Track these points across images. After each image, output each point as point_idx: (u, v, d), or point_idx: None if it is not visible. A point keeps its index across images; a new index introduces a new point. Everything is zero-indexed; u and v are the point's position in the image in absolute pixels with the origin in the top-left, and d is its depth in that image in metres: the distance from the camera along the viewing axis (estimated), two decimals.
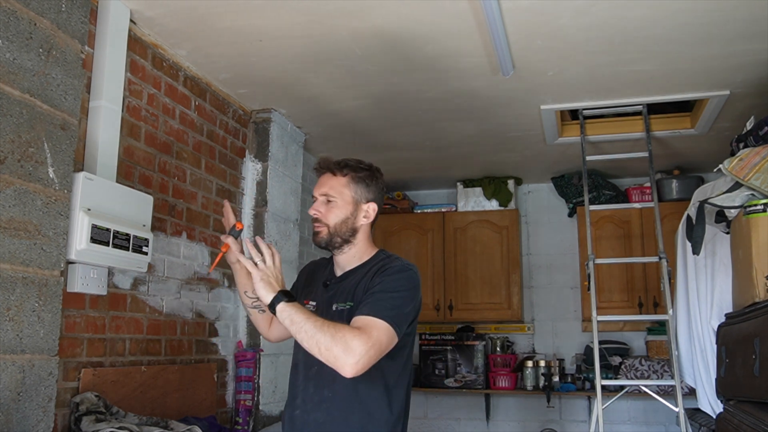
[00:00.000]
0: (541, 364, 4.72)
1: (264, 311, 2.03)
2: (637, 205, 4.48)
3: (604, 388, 3.56)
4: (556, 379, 4.68)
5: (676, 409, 3.19)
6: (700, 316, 2.99)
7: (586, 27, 2.62)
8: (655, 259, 3.53)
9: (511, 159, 4.54)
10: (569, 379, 4.68)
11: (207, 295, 3.06)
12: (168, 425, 2.38)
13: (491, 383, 4.82)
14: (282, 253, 3.59)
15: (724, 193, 2.51)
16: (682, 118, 3.84)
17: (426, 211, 5.14)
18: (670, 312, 3.29)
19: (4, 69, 1.85)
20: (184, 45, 2.81)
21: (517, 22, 2.56)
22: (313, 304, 1.97)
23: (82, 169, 2.25)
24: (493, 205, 4.98)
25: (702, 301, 2.98)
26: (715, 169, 2.61)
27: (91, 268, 2.28)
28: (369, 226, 1.98)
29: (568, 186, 4.89)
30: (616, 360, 4.52)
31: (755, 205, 2.37)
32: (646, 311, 4.43)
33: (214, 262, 1.99)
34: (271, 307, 1.71)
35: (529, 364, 4.75)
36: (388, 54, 2.86)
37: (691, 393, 3.38)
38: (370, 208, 1.96)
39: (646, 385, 3.80)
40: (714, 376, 2.76)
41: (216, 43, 2.79)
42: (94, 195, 2.21)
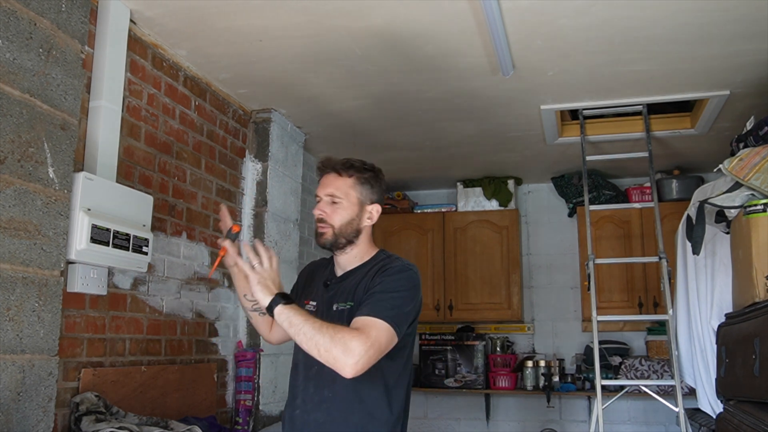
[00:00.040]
0: (541, 364, 4.72)
1: (264, 314, 2.03)
2: (637, 205, 4.48)
3: (604, 388, 3.56)
4: (556, 379, 4.68)
5: (676, 409, 3.19)
6: (700, 316, 2.99)
7: (586, 27, 2.62)
8: (655, 259, 3.53)
9: (511, 159, 4.54)
10: (569, 379, 4.68)
11: (207, 295, 3.06)
12: (168, 425, 2.38)
13: (491, 383, 4.82)
14: (282, 253, 3.59)
15: (724, 193, 2.51)
16: (682, 118, 3.84)
17: (426, 211, 5.14)
18: (670, 312, 3.29)
19: (4, 69, 1.85)
20: (184, 45, 2.81)
21: (517, 22, 2.56)
22: (314, 304, 1.98)
23: (82, 169, 2.26)
24: (493, 205, 4.98)
25: (702, 301, 2.98)
26: (715, 169, 2.61)
27: (91, 268, 2.28)
28: (371, 226, 1.98)
29: (568, 186, 4.89)
30: (616, 360, 4.51)
31: (755, 205, 2.37)
32: (646, 311, 4.43)
33: (213, 266, 1.99)
34: (269, 309, 1.71)
35: (529, 364, 4.75)
36: (388, 54, 2.86)
37: (691, 393, 3.38)
38: (374, 209, 1.97)
39: (646, 385, 3.80)
40: (714, 376, 2.75)
41: (216, 43, 2.79)
42: (94, 195, 2.21)
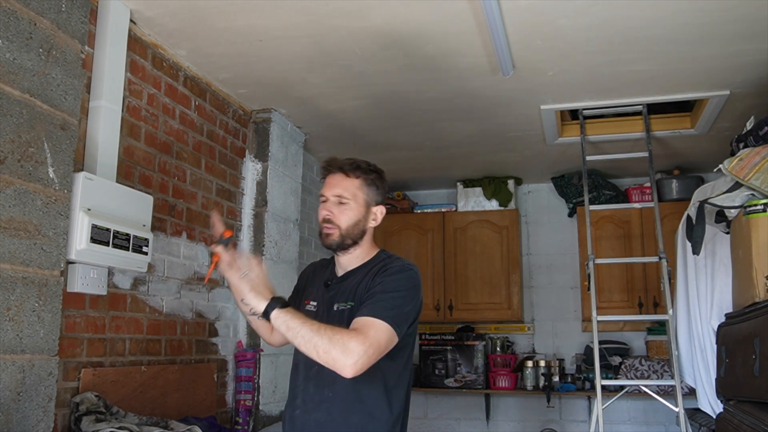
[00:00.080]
0: (541, 364, 4.72)
1: (262, 318, 2.03)
2: (637, 205, 4.48)
3: (604, 388, 3.56)
4: (556, 379, 4.68)
5: (676, 409, 3.19)
6: (700, 316, 2.99)
7: (586, 27, 2.62)
8: (655, 259, 3.53)
9: (511, 159, 4.54)
10: (569, 379, 4.68)
11: (207, 295, 3.06)
12: (168, 425, 2.38)
13: (491, 383, 4.82)
14: (282, 253, 3.59)
15: (724, 193, 2.51)
16: (682, 118, 3.84)
17: (426, 211, 5.14)
18: (670, 312, 3.29)
19: (4, 69, 1.85)
20: (184, 45, 2.81)
21: (517, 22, 2.56)
22: (314, 304, 1.98)
23: (82, 169, 2.26)
24: (493, 205, 4.98)
25: (702, 301, 2.98)
26: (715, 169, 2.61)
27: (91, 268, 2.28)
28: (373, 227, 1.99)
29: (568, 186, 4.89)
30: (616, 360, 4.52)
31: (755, 205, 2.37)
32: (646, 311, 4.43)
33: (208, 272, 1.98)
34: (266, 314, 1.70)
35: (529, 364, 4.75)
36: (388, 54, 2.86)
37: (691, 393, 3.38)
38: (379, 211, 1.98)
39: (646, 385, 3.80)
40: (714, 376, 2.75)
41: (216, 43, 2.79)
42: (94, 195, 2.21)
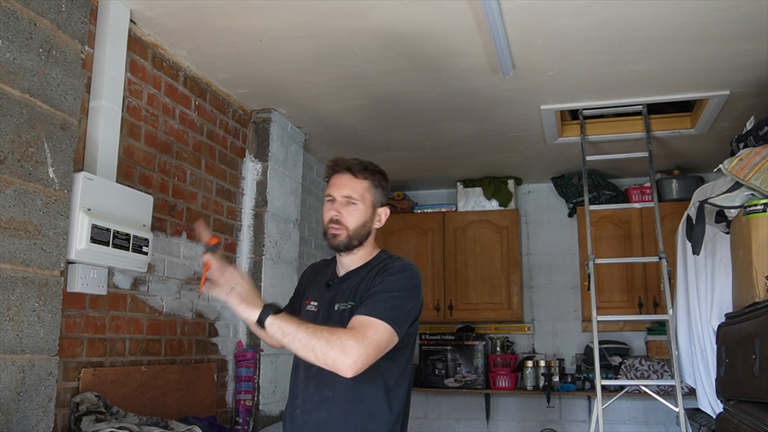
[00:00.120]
0: (541, 364, 4.72)
1: None
2: (637, 205, 4.48)
3: (604, 388, 3.56)
4: (556, 379, 4.68)
5: (676, 409, 3.18)
6: (700, 316, 2.99)
7: (586, 27, 2.62)
8: (655, 259, 3.53)
9: (511, 159, 4.54)
10: (569, 379, 4.68)
11: (207, 295, 3.06)
12: (168, 425, 2.38)
13: (491, 383, 4.82)
14: (282, 253, 3.59)
15: (724, 193, 2.51)
16: (682, 118, 3.84)
17: (426, 211, 5.14)
18: (670, 312, 3.29)
19: (4, 69, 1.85)
20: (184, 45, 2.81)
21: (517, 22, 2.56)
22: (315, 304, 1.98)
23: (82, 169, 2.26)
24: (493, 205, 4.98)
25: (702, 301, 2.98)
26: (715, 169, 2.61)
27: (91, 268, 2.28)
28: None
29: (568, 186, 4.89)
30: (616, 360, 4.51)
31: (755, 205, 2.37)
32: (646, 311, 4.43)
33: (201, 283, 1.96)
34: (260, 322, 1.69)
35: (529, 364, 4.75)
36: (388, 54, 2.86)
37: (691, 393, 3.38)
38: (383, 212, 1.99)
39: (646, 385, 3.80)
40: (714, 376, 2.75)
41: (216, 43, 2.79)
42: (94, 195, 2.21)
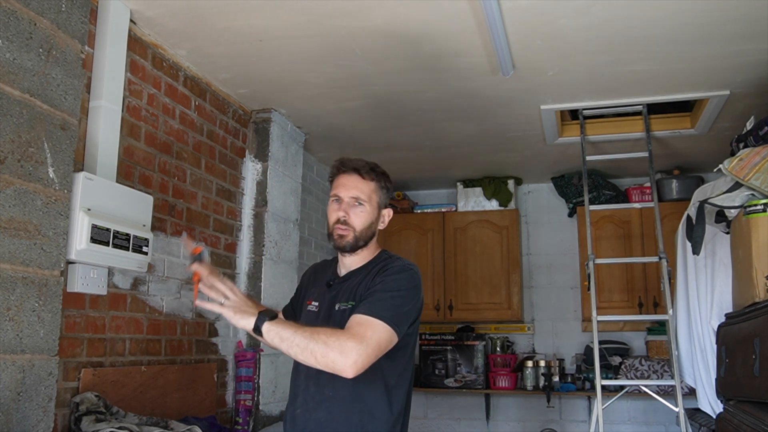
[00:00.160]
0: (541, 364, 4.72)
1: None
2: (637, 205, 4.48)
3: (604, 388, 3.56)
4: (556, 379, 4.68)
5: (676, 409, 3.18)
6: (700, 316, 2.98)
7: (586, 27, 2.62)
8: (655, 259, 3.53)
9: (511, 159, 4.54)
10: (569, 379, 4.68)
11: (207, 295, 3.06)
12: (168, 425, 2.38)
13: (491, 383, 4.82)
14: (282, 253, 3.59)
15: (724, 193, 2.51)
16: (682, 118, 3.84)
17: (426, 211, 5.14)
18: (670, 312, 3.29)
19: (4, 69, 1.85)
20: (184, 45, 2.81)
21: (517, 22, 2.56)
22: (316, 304, 1.99)
23: (82, 169, 2.26)
24: (493, 205, 4.98)
25: (702, 301, 2.98)
26: (715, 169, 2.61)
27: (91, 268, 2.28)
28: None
29: (568, 186, 4.89)
30: (616, 360, 4.51)
31: (755, 205, 2.36)
32: (646, 311, 4.43)
33: (194, 294, 1.96)
34: (257, 330, 1.70)
35: (529, 364, 4.75)
36: (388, 54, 2.86)
37: (691, 393, 3.38)
38: (387, 213, 1.99)
39: (646, 385, 3.80)
40: (714, 376, 2.75)
41: (216, 43, 2.79)
42: (94, 195, 2.21)
